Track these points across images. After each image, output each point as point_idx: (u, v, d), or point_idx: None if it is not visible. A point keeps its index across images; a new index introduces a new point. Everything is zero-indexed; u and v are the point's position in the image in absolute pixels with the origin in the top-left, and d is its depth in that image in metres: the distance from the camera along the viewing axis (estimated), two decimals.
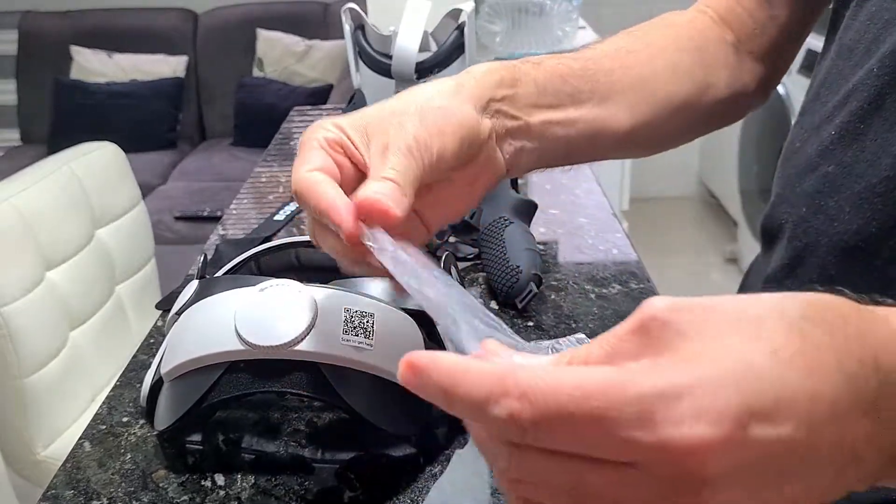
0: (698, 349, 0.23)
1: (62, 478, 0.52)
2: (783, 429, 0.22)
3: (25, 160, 2.68)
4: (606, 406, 0.22)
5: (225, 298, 0.52)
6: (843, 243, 0.47)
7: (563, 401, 0.22)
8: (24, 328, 1.07)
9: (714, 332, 0.23)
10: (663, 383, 0.22)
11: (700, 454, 0.22)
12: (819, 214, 0.49)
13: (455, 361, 0.24)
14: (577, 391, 0.22)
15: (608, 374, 0.23)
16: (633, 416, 0.22)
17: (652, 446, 0.22)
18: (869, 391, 0.24)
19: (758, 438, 0.22)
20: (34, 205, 1.14)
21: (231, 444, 0.54)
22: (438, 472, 0.51)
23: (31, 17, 2.91)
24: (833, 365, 0.23)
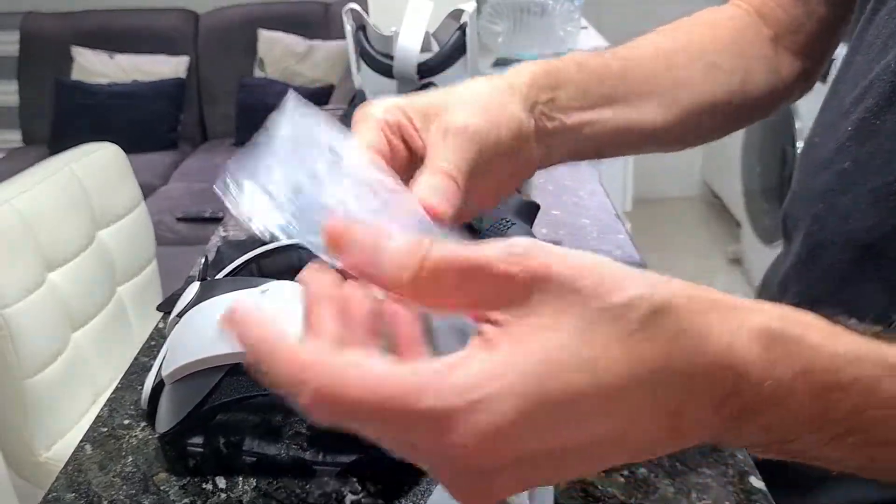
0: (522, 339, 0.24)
1: (63, 481, 0.52)
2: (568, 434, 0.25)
3: (27, 161, 2.68)
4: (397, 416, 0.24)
5: (226, 300, 0.52)
6: (857, 241, 0.47)
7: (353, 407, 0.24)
8: (26, 329, 1.07)
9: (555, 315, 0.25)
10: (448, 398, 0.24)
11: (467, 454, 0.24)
12: (833, 211, 0.49)
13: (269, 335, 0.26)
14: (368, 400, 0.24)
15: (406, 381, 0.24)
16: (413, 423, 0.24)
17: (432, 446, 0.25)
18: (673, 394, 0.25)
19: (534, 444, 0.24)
20: (35, 206, 1.14)
21: (232, 447, 0.54)
22: None
23: (33, 17, 2.91)
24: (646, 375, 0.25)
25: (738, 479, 0.48)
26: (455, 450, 0.24)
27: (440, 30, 1.29)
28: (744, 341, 0.26)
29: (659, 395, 0.25)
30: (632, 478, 0.49)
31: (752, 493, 0.47)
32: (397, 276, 0.26)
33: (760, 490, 0.48)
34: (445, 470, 0.26)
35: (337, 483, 0.50)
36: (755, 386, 0.26)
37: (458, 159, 0.37)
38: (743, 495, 0.47)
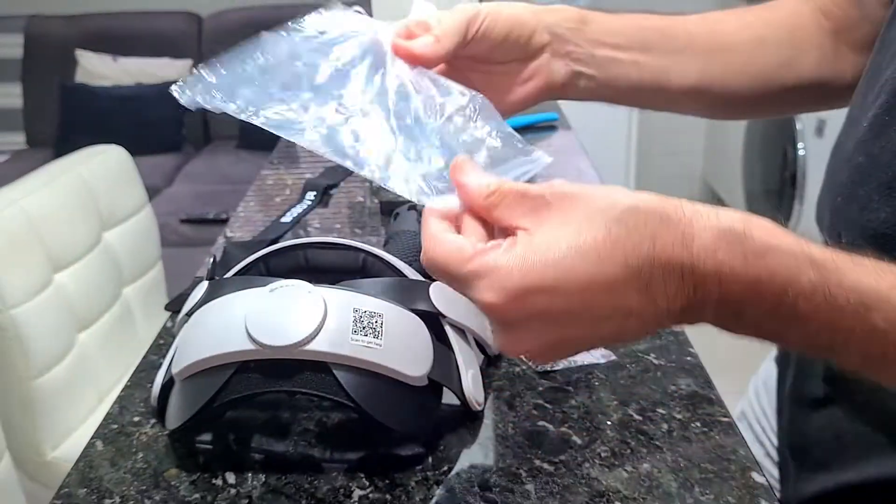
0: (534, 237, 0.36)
1: (75, 476, 0.52)
2: (557, 299, 0.35)
3: (31, 163, 2.69)
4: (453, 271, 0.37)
5: (235, 299, 0.52)
6: (873, 231, 0.49)
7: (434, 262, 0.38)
8: (33, 330, 1.08)
9: (559, 221, 0.36)
10: (480, 266, 0.36)
11: (493, 309, 0.36)
12: (852, 203, 0.51)
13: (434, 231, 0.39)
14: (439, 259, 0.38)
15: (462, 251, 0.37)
16: (463, 280, 0.37)
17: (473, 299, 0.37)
18: (641, 275, 0.34)
19: (534, 304, 0.35)
20: (42, 208, 1.15)
21: (241, 444, 0.55)
22: (447, 470, 0.51)
23: (37, 21, 2.93)
24: (619, 258, 0.34)
25: (741, 475, 0.49)
26: (486, 303, 0.36)
27: None
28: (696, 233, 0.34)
29: (633, 270, 0.34)
30: (635, 472, 0.50)
31: (755, 489, 0.48)
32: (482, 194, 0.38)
33: (762, 485, 0.48)
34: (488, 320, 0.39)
35: (345, 479, 0.50)
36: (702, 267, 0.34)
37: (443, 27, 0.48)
38: (745, 490, 0.48)
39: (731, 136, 2.66)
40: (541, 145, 1.17)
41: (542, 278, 0.35)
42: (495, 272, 0.35)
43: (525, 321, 0.36)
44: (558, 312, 0.35)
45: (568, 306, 0.35)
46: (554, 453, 0.52)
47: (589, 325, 0.36)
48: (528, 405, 0.57)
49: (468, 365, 0.56)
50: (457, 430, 0.54)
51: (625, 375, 0.60)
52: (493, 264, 0.35)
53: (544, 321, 0.36)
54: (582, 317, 0.36)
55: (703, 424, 0.54)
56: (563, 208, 0.36)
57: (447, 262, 0.37)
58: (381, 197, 0.98)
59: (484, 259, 0.36)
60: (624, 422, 0.54)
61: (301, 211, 0.93)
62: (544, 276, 0.34)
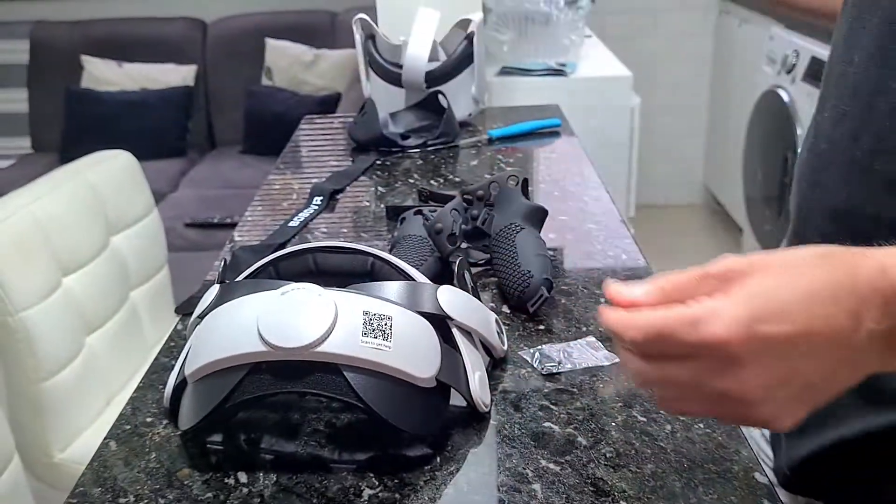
0: (747, 285, 0.37)
1: (89, 476, 0.53)
2: (783, 327, 0.36)
3: (37, 168, 2.71)
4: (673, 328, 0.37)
5: (247, 302, 0.54)
6: (834, 211, 0.56)
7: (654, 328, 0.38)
8: (42, 333, 1.09)
9: (762, 273, 0.37)
10: (702, 310, 0.37)
11: (724, 346, 0.36)
12: (816, 188, 0.57)
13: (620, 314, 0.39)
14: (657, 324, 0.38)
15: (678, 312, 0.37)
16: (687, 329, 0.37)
17: (699, 343, 0.37)
18: (851, 297, 0.37)
19: (762, 333, 0.36)
20: (51, 212, 1.16)
21: (252, 444, 0.56)
22: (455, 470, 0.52)
23: (43, 26, 2.95)
24: (829, 279, 0.37)
25: (744, 475, 0.50)
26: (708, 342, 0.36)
27: (447, 39, 1.32)
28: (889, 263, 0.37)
29: (845, 291, 0.37)
30: (640, 473, 0.50)
31: (758, 489, 0.49)
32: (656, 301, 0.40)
33: (765, 485, 0.49)
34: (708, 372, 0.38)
35: (354, 478, 0.51)
36: None
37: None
38: (748, 490, 0.49)
39: (731, 141, 2.67)
40: (544, 151, 1.19)
41: (766, 307, 0.36)
42: (719, 308, 0.36)
43: (753, 355, 0.36)
44: (784, 341, 0.36)
45: (791, 332, 0.36)
46: (560, 454, 0.53)
47: (812, 359, 0.37)
48: (533, 406, 0.58)
49: (475, 367, 0.57)
50: (464, 430, 0.55)
51: (628, 378, 0.60)
52: (714, 305, 0.36)
53: (772, 354, 0.36)
54: (804, 344, 0.36)
55: (705, 426, 0.55)
56: (755, 271, 0.37)
57: (663, 321, 0.37)
58: (386, 202, 0.99)
59: (704, 305, 0.37)
60: (628, 423, 0.55)
61: (308, 215, 0.94)
62: (766, 306, 0.36)
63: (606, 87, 1.76)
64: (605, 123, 1.73)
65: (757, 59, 2.44)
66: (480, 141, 1.21)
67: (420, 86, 1.24)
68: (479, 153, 1.17)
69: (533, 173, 1.10)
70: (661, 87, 3.00)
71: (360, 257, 0.62)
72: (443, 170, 1.11)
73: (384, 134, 1.18)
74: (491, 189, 0.79)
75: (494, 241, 0.76)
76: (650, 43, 2.96)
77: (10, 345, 1.08)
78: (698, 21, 2.96)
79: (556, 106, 1.41)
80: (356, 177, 1.08)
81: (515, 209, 0.77)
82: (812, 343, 0.36)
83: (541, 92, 1.71)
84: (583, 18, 1.81)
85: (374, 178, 1.09)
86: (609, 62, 1.91)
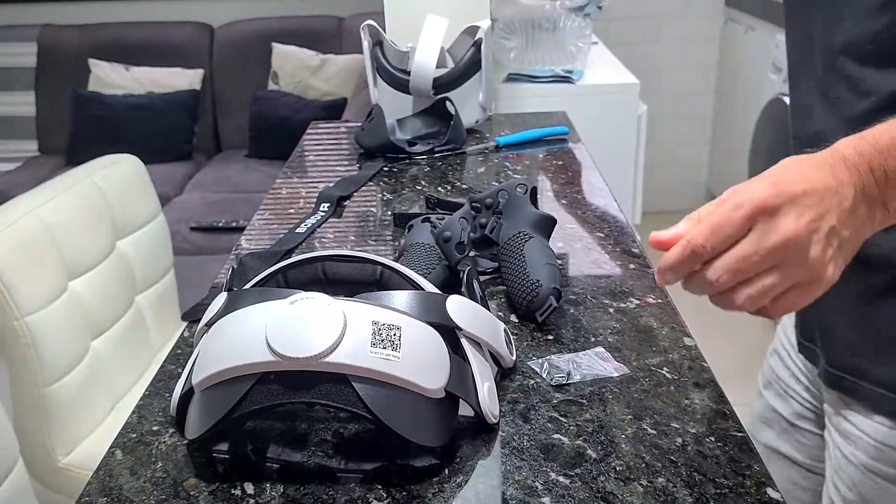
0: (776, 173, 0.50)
1: (95, 485, 0.53)
2: (796, 186, 0.48)
3: (43, 170, 2.72)
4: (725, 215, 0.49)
5: (255, 311, 0.53)
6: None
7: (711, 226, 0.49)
8: (47, 337, 1.09)
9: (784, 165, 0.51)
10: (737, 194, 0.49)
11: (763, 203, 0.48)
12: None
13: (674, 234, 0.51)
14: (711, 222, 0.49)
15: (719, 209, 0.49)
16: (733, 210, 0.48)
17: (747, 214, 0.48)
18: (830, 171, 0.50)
19: (785, 190, 0.48)
20: (58, 216, 1.16)
21: (259, 454, 0.55)
22: (463, 482, 0.51)
23: (50, 30, 2.96)
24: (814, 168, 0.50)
25: (756, 490, 0.49)
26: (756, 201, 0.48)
27: (455, 46, 1.32)
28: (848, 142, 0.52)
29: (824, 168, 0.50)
30: (651, 487, 0.50)
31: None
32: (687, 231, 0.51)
33: (777, 501, 0.49)
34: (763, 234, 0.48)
35: (362, 489, 0.51)
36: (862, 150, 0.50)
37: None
38: None
39: (736, 146, 2.67)
40: (552, 158, 1.18)
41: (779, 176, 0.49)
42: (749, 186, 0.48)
43: (789, 203, 0.47)
44: (801, 193, 0.48)
45: (803, 189, 0.48)
46: (569, 466, 0.52)
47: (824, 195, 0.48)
48: (542, 418, 0.57)
49: (484, 378, 0.56)
50: (472, 441, 0.55)
51: (638, 389, 0.60)
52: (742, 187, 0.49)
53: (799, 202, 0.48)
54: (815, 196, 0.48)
55: (717, 439, 0.54)
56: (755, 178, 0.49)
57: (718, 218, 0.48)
58: (392, 208, 0.99)
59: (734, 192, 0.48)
60: (638, 435, 0.55)
61: (315, 222, 0.94)
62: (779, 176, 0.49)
63: (613, 94, 1.76)
64: (612, 131, 1.73)
65: (763, 66, 2.43)
66: (488, 148, 1.21)
67: (427, 92, 1.23)
68: (487, 160, 1.17)
69: (540, 181, 1.09)
70: (667, 94, 3.00)
71: (369, 266, 0.62)
72: (450, 176, 1.11)
73: (391, 140, 1.17)
74: (499, 197, 0.78)
75: (503, 249, 0.76)
76: (655, 50, 2.96)
77: (16, 349, 1.08)
78: (704, 28, 2.96)
79: (562, 113, 1.41)
80: (363, 183, 1.08)
81: (524, 218, 0.77)
82: (819, 194, 0.48)
83: (547, 99, 1.71)
84: (590, 25, 1.81)
85: (381, 185, 1.09)
86: (616, 69, 1.90)
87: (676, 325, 0.69)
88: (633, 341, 0.66)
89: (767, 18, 2.53)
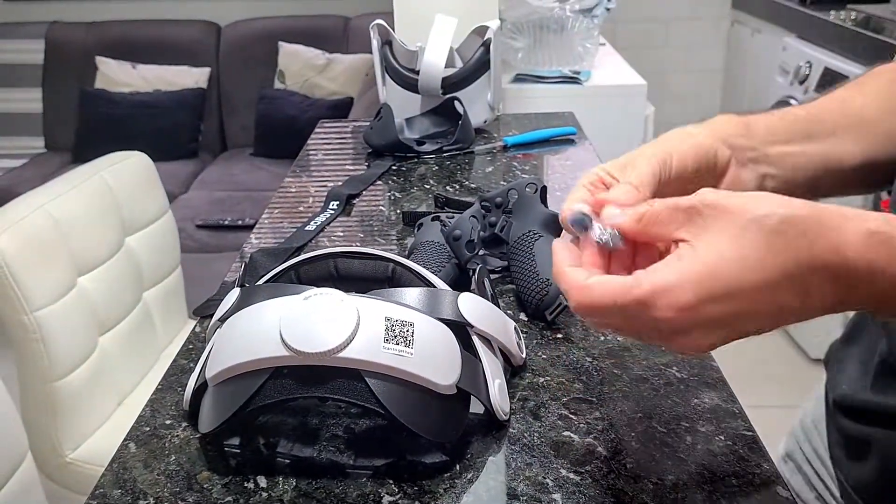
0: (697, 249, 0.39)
1: (109, 478, 0.53)
2: (728, 306, 0.38)
3: (50, 167, 2.73)
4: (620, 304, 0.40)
5: (269, 306, 0.54)
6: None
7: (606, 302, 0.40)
8: (56, 333, 1.10)
9: (718, 231, 0.39)
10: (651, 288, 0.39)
11: (669, 322, 0.39)
12: None
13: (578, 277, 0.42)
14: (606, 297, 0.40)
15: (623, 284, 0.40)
16: (633, 308, 0.39)
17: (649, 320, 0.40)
18: (801, 281, 0.38)
19: (708, 313, 0.39)
20: (67, 212, 1.17)
21: (271, 448, 0.56)
22: (474, 478, 0.52)
23: (58, 27, 2.97)
24: (780, 267, 0.38)
25: (766, 489, 0.50)
26: (660, 319, 0.39)
27: (464, 46, 1.32)
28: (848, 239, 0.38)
29: (795, 278, 0.38)
30: (661, 485, 0.50)
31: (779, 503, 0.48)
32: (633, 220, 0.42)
33: (787, 499, 0.49)
34: (659, 334, 0.41)
35: (374, 485, 0.51)
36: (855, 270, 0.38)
37: (638, 178, 0.46)
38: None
39: None
40: (560, 158, 1.19)
41: (713, 290, 0.38)
42: (669, 290, 0.38)
43: (699, 327, 0.39)
44: (728, 316, 0.39)
45: (736, 311, 0.39)
46: (580, 464, 0.52)
47: (753, 324, 0.40)
48: (552, 415, 0.58)
49: (495, 375, 0.57)
50: (483, 438, 0.55)
51: (648, 388, 0.60)
52: (664, 283, 0.38)
53: (716, 325, 0.39)
54: (748, 318, 0.39)
55: (726, 438, 0.54)
56: (719, 218, 0.39)
57: (613, 299, 0.39)
58: (401, 207, 1.00)
59: (653, 280, 0.39)
60: (648, 433, 0.55)
61: (325, 219, 0.95)
62: (714, 288, 0.38)
63: (621, 95, 1.76)
64: (619, 132, 1.73)
65: (770, 69, 2.43)
66: (496, 147, 1.21)
67: (436, 92, 1.24)
68: (495, 160, 1.18)
69: (549, 180, 1.10)
70: (673, 97, 3.00)
71: (381, 263, 0.62)
72: (458, 176, 1.11)
73: (400, 139, 1.18)
74: (509, 196, 0.79)
75: (512, 248, 0.76)
76: (662, 52, 2.96)
77: (25, 344, 1.08)
78: (710, 31, 2.96)
79: (570, 113, 1.41)
80: (372, 182, 1.09)
81: (534, 217, 0.77)
82: (756, 316, 0.39)
83: (555, 99, 1.71)
84: (598, 26, 1.81)
85: (389, 184, 1.09)
86: (623, 70, 1.91)
87: None
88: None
89: (774, 21, 2.53)
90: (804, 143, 0.54)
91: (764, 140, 0.53)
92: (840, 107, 0.56)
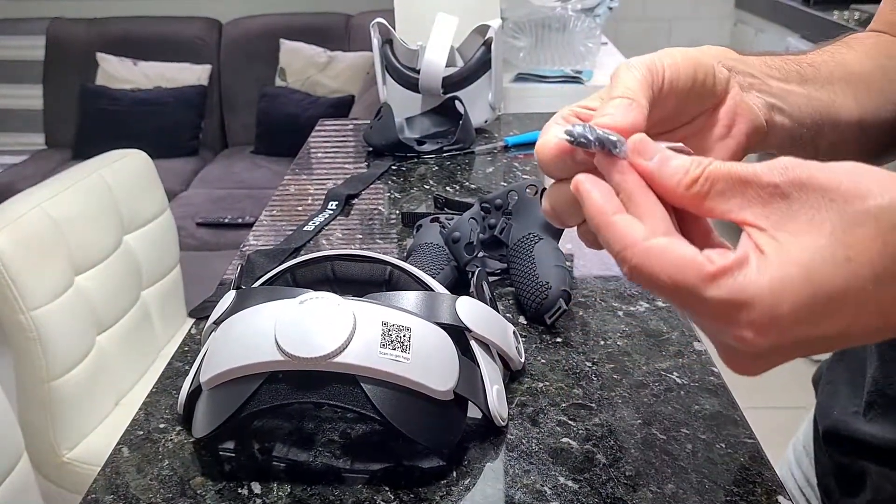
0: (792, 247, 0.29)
1: (102, 482, 0.53)
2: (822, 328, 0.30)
3: (50, 164, 2.72)
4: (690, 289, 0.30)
5: (264, 310, 0.53)
6: None
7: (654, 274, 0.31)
8: (54, 332, 1.09)
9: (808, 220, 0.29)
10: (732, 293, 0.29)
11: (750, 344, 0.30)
12: None
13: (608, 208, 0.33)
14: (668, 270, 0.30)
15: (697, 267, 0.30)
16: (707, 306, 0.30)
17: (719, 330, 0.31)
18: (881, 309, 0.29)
19: (796, 335, 0.30)
20: (65, 210, 1.16)
21: (266, 453, 0.55)
22: (471, 484, 0.51)
23: (59, 24, 2.97)
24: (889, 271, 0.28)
25: (767, 498, 0.49)
26: (736, 337, 0.30)
27: (465, 45, 1.31)
28: None
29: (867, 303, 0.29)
30: (660, 493, 0.50)
31: None
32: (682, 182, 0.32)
33: None
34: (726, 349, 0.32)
35: (369, 490, 0.51)
36: None
37: (629, 87, 0.37)
38: None
39: None
40: None
41: (812, 310, 0.29)
42: (757, 304, 0.29)
43: (780, 350, 0.31)
44: (816, 339, 0.30)
45: (828, 333, 0.30)
46: (578, 471, 0.52)
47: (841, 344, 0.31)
48: (551, 422, 0.57)
49: (493, 380, 0.56)
50: (481, 444, 0.55)
51: (648, 394, 0.60)
52: (750, 293, 0.29)
53: (798, 348, 0.31)
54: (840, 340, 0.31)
55: (727, 446, 0.54)
56: (811, 204, 0.29)
57: (680, 278, 0.30)
58: (400, 207, 0.99)
59: (735, 283, 0.29)
60: (647, 441, 0.54)
61: (323, 220, 0.94)
62: (814, 307, 0.29)
63: None
64: None
65: None
66: (496, 148, 1.20)
67: (437, 91, 1.23)
68: (495, 160, 1.17)
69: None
70: None
71: (379, 266, 0.61)
72: (458, 176, 1.10)
73: (400, 139, 1.17)
74: (509, 198, 0.78)
75: (512, 251, 0.75)
76: None
77: (22, 343, 1.08)
78: (714, 30, 2.95)
79: None
80: (371, 182, 1.08)
81: (534, 219, 0.76)
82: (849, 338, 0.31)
83: (556, 99, 1.70)
84: (599, 26, 1.80)
85: (389, 184, 1.09)
86: None
87: (686, 330, 0.68)
88: (643, 345, 0.66)
89: (777, 21, 2.52)
90: (802, 85, 0.47)
91: (762, 72, 0.45)
92: (832, 59, 0.50)
